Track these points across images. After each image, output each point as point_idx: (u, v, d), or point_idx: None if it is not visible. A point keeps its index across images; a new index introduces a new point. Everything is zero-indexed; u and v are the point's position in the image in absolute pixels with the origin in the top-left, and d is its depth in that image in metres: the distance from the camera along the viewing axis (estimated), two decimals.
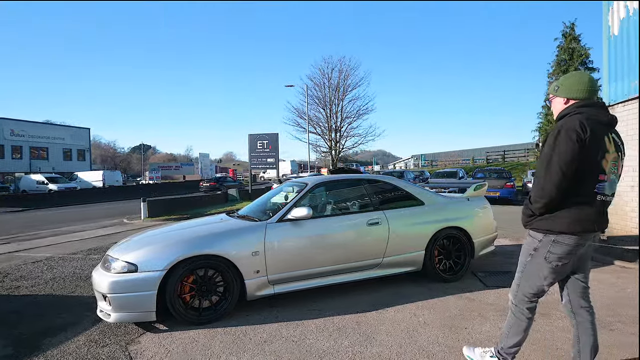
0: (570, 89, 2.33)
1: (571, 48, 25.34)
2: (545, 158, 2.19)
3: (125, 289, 3.53)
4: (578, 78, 2.34)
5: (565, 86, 2.35)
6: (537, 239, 2.34)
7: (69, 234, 10.52)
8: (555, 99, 2.41)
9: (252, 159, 21.13)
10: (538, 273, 2.38)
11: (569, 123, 2.17)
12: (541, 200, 2.22)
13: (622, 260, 5.61)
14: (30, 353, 3.27)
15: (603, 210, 2.30)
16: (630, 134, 6.82)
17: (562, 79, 2.41)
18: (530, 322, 2.48)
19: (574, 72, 2.45)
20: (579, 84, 2.31)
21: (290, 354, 3.11)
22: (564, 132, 2.14)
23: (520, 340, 2.51)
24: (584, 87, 2.31)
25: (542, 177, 2.19)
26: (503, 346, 2.56)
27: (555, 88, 2.40)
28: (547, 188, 2.17)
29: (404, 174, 21.31)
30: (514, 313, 2.51)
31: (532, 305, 2.47)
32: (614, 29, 7.26)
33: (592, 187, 2.21)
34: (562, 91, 2.36)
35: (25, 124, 45.33)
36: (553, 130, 2.22)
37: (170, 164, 74.55)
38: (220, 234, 4.06)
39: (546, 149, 2.21)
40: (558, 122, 2.27)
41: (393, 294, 4.48)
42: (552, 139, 2.18)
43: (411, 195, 5.02)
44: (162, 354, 3.19)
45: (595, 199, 2.23)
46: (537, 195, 2.23)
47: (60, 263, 6.75)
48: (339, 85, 34.07)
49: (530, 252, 2.39)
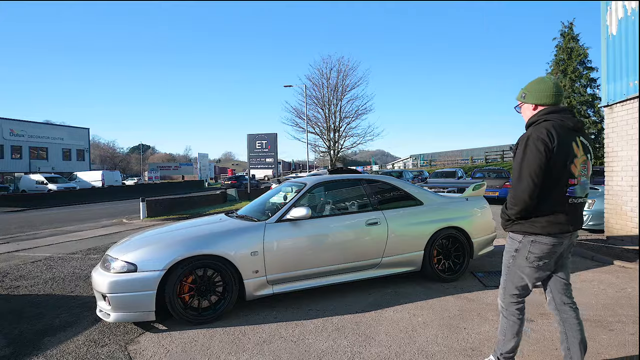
0: (538, 95, 2.40)
1: (570, 47, 25.40)
2: (516, 167, 2.29)
3: (125, 289, 3.54)
4: (544, 84, 2.42)
5: (532, 92, 2.43)
6: (517, 240, 2.43)
7: (68, 234, 10.51)
8: (524, 105, 2.49)
9: (250, 159, 21.15)
10: (521, 273, 2.44)
11: (536, 132, 2.26)
12: (515, 207, 2.32)
13: (622, 260, 5.61)
14: (29, 352, 3.27)
15: (577, 211, 2.38)
16: (630, 133, 6.83)
17: (529, 85, 2.48)
18: (522, 323, 2.52)
19: (539, 78, 2.49)
20: (546, 90, 2.39)
21: (289, 354, 3.12)
22: (532, 142, 2.24)
23: (517, 342, 2.53)
24: (550, 92, 2.38)
25: (515, 186, 2.29)
26: (502, 352, 2.57)
27: (523, 95, 2.48)
28: (519, 196, 2.27)
29: (403, 174, 21.33)
30: (506, 316, 2.54)
31: (520, 305, 2.51)
32: (612, 28, 7.27)
33: (563, 192, 2.31)
34: (530, 97, 2.43)
35: (24, 124, 45.29)
36: (522, 138, 2.31)
37: (169, 164, 74.57)
38: (219, 234, 4.06)
39: (517, 157, 2.30)
40: (527, 130, 2.37)
41: (392, 294, 4.49)
42: (522, 148, 2.28)
43: (410, 195, 5.02)
44: (161, 353, 3.19)
45: (568, 202, 2.33)
46: (511, 202, 2.34)
47: (60, 263, 6.75)
48: (338, 85, 34.13)
49: (512, 254, 2.46)
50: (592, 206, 8.19)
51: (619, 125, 7.12)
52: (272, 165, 21.07)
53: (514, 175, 2.32)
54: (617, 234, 7.11)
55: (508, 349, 2.54)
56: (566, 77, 25.17)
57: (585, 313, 3.81)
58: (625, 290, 4.48)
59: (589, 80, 25.03)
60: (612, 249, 6.40)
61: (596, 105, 24.57)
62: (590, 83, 25.12)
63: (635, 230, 6.61)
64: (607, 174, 7.45)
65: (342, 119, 34.77)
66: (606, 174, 7.48)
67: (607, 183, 7.42)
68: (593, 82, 25.04)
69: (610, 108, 7.37)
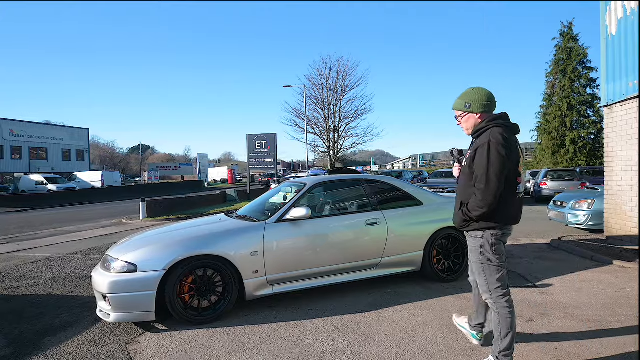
0: (482, 104, 2.59)
1: (569, 48, 25.38)
2: (482, 172, 2.45)
3: (125, 289, 3.54)
4: (484, 92, 2.61)
5: (476, 102, 2.60)
6: (478, 237, 2.62)
7: (68, 234, 10.51)
8: (468, 115, 2.65)
9: (250, 159, 21.14)
10: (494, 265, 2.62)
11: (494, 138, 2.45)
12: (482, 209, 2.48)
13: (621, 260, 5.62)
14: (30, 352, 3.27)
15: (521, 205, 2.69)
16: (629, 133, 6.83)
17: (469, 96, 2.63)
18: (513, 315, 2.61)
19: (475, 88, 2.65)
20: (489, 98, 2.60)
21: (289, 354, 3.12)
22: (493, 147, 2.42)
23: (513, 338, 2.60)
24: (492, 100, 2.61)
25: (483, 190, 2.44)
26: (500, 350, 2.60)
27: (467, 105, 2.62)
28: (488, 199, 2.45)
29: (403, 174, 21.33)
30: (498, 311, 2.62)
31: (508, 297, 2.63)
32: (612, 28, 7.28)
33: (514, 189, 2.57)
34: (476, 106, 2.60)
35: (24, 124, 45.26)
36: (481, 144, 2.47)
37: (168, 164, 74.49)
38: (219, 234, 4.07)
39: (480, 162, 2.46)
40: (481, 137, 2.54)
41: (392, 294, 4.49)
42: (485, 154, 2.43)
43: (410, 196, 5.03)
44: (161, 353, 3.20)
45: (517, 197, 2.60)
46: (478, 205, 2.49)
47: (60, 263, 6.75)
48: (337, 85, 34.08)
49: (480, 251, 2.63)
50: (591, 206, 8.20)
51: (619, 125, 7.12)
52: (272, 165, 21.06)
53: (481, 179, 2.45)
54: (616, 234, 7.12)
55: (505, 346, 2.58)
56: (566, 77, 25.16)
57: (584, 313, 3.81)
58: (625, 290, 4.49)
59: (589, 80, 25.02)
60: (611, 249, 6.40)
61: (596, 105, 24.56)
62: (590, 83, 25.11)
63: (635, 230, 6.61)
64: (606, 174, 7.46)
65: (342, 119, 34.76)
66: (606, 174, 7.49)
67: (607, 183, 7.43)
68: (592, 82, 25.04)
69: (610, 108, 7.38)
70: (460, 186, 2.73)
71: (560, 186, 14.97)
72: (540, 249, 6.90)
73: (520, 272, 5.29)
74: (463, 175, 2.68)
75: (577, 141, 24.65)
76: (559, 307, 3.99)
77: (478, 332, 3.08)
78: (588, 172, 17.91)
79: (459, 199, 2.72)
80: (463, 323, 3.20)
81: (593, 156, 24.49)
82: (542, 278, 5.02)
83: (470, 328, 3.12)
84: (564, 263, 5.80)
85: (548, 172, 16.40)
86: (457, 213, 2.72)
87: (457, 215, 2.70)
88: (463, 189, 2.67)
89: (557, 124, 25.34)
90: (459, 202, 2.70)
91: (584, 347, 3.10)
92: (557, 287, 4.63)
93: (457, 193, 2.81)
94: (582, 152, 24.63)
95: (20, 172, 40.59)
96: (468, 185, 2.61)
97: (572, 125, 25.13)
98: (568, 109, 24.97)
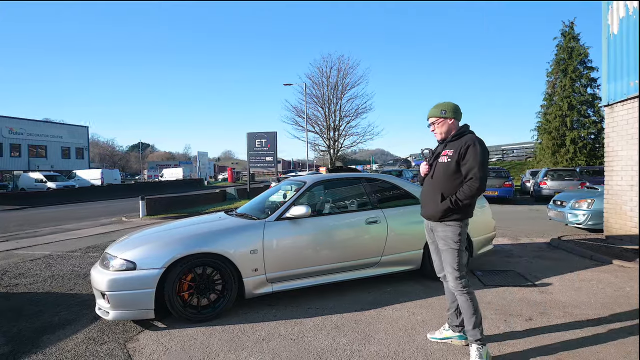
0: (454, 112, 2.99)
1: (570, 47, 25.34)
2: (478, 165, 2.77)
3: (124, 287, 3.53)
4: (454, 104, 3.02)
5: (450, 110, 2.98)
6: (457, 225, 2.90)
7: (68, 232, 10.50)
8: (445, 120, 2.99)
9: (250, 157, 21.12)
10: (462, 249, 2.94)
11: (479, 139, 2.88)
12: (473, 198, 2.82)
13: (621, 260, 5.62)
14: (28, 350, 3.27)
15: None
16: (630, 133, 6.83)
17: (443, 105, 3.00)
18: (474, 295, 2.93)
19: (446, 101, 3.04)
20: (457, 109, 3.02)
21: (288, 352, 3.12)
22: (482, 145, 2.85)
23: (479, 316, 2.88)
24: (459, 111, 3.02)
25: (478, 179, 2.77)
26: (470, 328, 2.85)
27: (443, 112, 2.98)
28: (482, 187, 2.78)
29: (403, 173, 21.31)
30: (467, 297, 2.88)
31: (467, 278, 2.95)
32: (614, 28, 7.27)
33: None
34: (450, 113, 2.98)
35: (23, 122, 45.19)
36: (472, 144, 2.82)
37: (168, 162, 74.51)
38: (218, 232, 4.06)
39: (475, 157, 2.78)
40: (462, 138, 2.90)
41: (391, 293, 4.49)
42: (478, 150, 2.80)
43: (410, 194, 5.02)
44: (160, 351, 3.19)
45: None
46: (472, 193, 2.78)
47: (59, 261, 6.75)
48: (338, 83, 33.97)
49: (457, 239, 2.91)
50: (591, 205, 8.19)
51: (619, 124, 7.11)
52: (272, 164, 21.03)
53: (476, 171, 2.77)
54: (616, 233, 7.11)
55: (476, 323, 2.83)
56: (566, 77, 25.12)
57: (584, 312, 3.81)
58: (624, 290, 4.49)
59: (590, 80, 24.97)
60: (611, 249, 6.40)
61: (596, 105, 24.52)
62: (591, 83, 25.06)
63: (635, 229, 6.61)
64: (606, 173, 7.45)
65: (342, 117, 34.66)
66: (606, 173, 7.48)
67: (607, 182, 7.42)
68: (593, 82, 24.99)
69: (611, 107, 7.37)
70: (439, 181, 2.96)
71: (560, 186, 14.98)
72: (540, 248, 6.89)
73: (519, 271, 5.29)
74: (444, 171, 2.93)
75: (577, 141, 24.62)
76: (558, 306, 3.99)
77: (462, 331, 3.11)
78: (588, 171, 17.91)
79: (436, 192, 2.94)
80: (442, 334, 3.22)
81: (593, 156, 24.46)
82: (542, 277, 5.01)
83: (453, 331, 3.17)
84: (563, 262, 5.80)
85: (548, 171, 16.41)
86: (436, 205, 2.93)
87: (439, 206, 2.90)
88: (444, 183, 2.92)
89: (558, 123, 25.31)
90: (438, 195, 2.92)
91: (583, 346, 3.09)
92: (557, 286, 4.63)
93: (430, 187, 3.02)
94: (582, 152, 24.61)
95: (20, 170, 40.53)
96: (451, 179, 2.89)
97: (573, 125, 25.09)
98: (568, 109, 24.93)
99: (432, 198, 2.97)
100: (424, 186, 3.16)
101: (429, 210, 3.02)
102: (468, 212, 2.93)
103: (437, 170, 2.99)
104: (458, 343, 3.14)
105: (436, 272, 3.20)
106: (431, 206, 2.98)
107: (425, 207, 3.08)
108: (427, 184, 3.10)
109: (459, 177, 2.87)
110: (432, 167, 3.06)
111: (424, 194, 3.12)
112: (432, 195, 2.98)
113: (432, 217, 3.00)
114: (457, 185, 2.87)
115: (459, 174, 2.87)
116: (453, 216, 2.89)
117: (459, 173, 2.87)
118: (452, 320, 3.17)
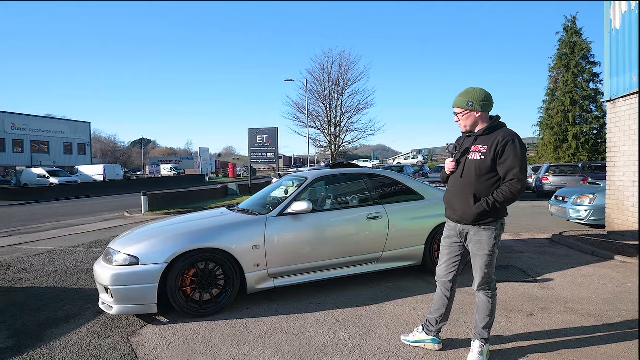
0: (483, 104, 2.63)
1: (572, 42, 25.22)
2: (521, 163, 2.52)
3: (127, 282, 3.56)
4: (485, 94, 2.64)
5: (478, 102, 2.62)
6: (493, 229, 2.65)
7: (71, 227, 10.55)
8: (471, 113, 2.66)
9: (252, 153, 21.12)
10: (496, 253, 2.73)
11: (513, 133, 2.60)
12: (515, 198, 2.54)
13: (623, 255, 5.62)
14: (33, 344, 3.30)
15: None
16: (632, 128, 6.81)
17: (471, 95, 2.64)
18: (496, 299, 2.86)
19: (476, 88, 2.67)
20: (487, 99, 2.64)
21: (290, 347, 3.14)
22: (519, 142, 2.56)
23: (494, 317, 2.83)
24: (490, 102, 2.65)
25: (519, 180, 2.51)
26: (481, 327, 2.78)
27: (469, 104, 2.63)
28: (523, 188, 2.54)
29: (404, 169, 21.30)
30: (491, 300, 2.77)
31: (495, 280, 2.83)
32: (616, 23, 7.23)
33: None
34: (478, 106, 2.63)
35: (26, 117, 45.28)
36: (509, 138, 2.55)
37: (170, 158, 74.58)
38: (221, 227, 4.07)
39: (515, 155, 2.52)
40: (498, 132, 2.60)
41: (393, 288, 4.51)
42: (517, 147, 2.53)
43: (411, 190, 5.03)
44: (163, 345, 3.22)
45: None
46: (513, 194, 2.52)
47: (62, 256, 6.79)
48: (339, 79, 33.85)
49: (494, 242, 2.66)
50: (593, 201, 8.18)
51: (622, 120, 7.09)
52: (273, 159, 21.03)
53: (517, 171, 2.51)
54: (618, 229, 7.11)
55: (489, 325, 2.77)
56: (569, 72, 25.02)
57: (585, 307, 3.82)
58: (626, 285, 4.49)
59: (592, 75, 24.89)
60: (613, 244, 6.40)
61: (599, 100, 24.45)
62: (593, 78, 24.97)
63: (637, 225, 6.60)
64: (609, 169, 7.44)
65: (343, 113, 34.56)
66: (608, 169, 7.47)
67: (609, 178, 7.41)
68: (596, 77, 24.91)
69: (613, 103, 7.34)
70: (470, 180, 2.64)
71: (562, 181, 14.96)
72: (542, 244, 6.90)
73: (521, 267, 5.29)
74: (476, 169, 2.60)
75: (580, 136, 24.57)
76: (559, 301, 4.00)
77: (437, 335, 3.00)
78: (590, 167, 17.87)
79: (468, 193, 2.64)
80: (416, 337, 3.05)
81: (595, 151, 24.41)
82: (543, 273, 5.02)
83: (430, 335, 3.00)
84: (565, 258, 5.80)
85: (550, 167, 16.37)
86: (468, 207, 2.63)
87: (472, 209, 2.60)
88: (476, 182, 2.60)
89: (560, 119, 25.24)
90: (470, 196, 2.62)
91: (584, 341, 3.11)
92: (558, 282, 4.64)
93: (460, 187, 2.70)
94: (584, 148, 24.56)
95: (22, 166, 40.65)
96: (485, 178, 2.59)
97: (575, 121, 25.03)
98: (571, 104, 24.86)
99: (463, 199, 2.66)
100: (450, 185, 2.83)
101: (459, 213, 2.70)
102: (503, 211, 2.65)
103: (467, 168, 2.66)
104: (431, 347, 2.99)
105: (438, 275, 2.96)
106: (462, 208, 2.67)
107: (454, 209, 2.75)
108: (454, 183, 2.76)
109: (494, 176, 2.58)
110: (461, 164, 2.72)
111: (452, 195, 2.78)
112: (462, 196, 2.67)
113: (464, 220, 2.69)
114: (491, 186, 2.58)
115: (493, 173, 2.58)
116: (488, 219, 2.62)
117: (494, 172, 2.58)
118: (430, 325, 2.98)
